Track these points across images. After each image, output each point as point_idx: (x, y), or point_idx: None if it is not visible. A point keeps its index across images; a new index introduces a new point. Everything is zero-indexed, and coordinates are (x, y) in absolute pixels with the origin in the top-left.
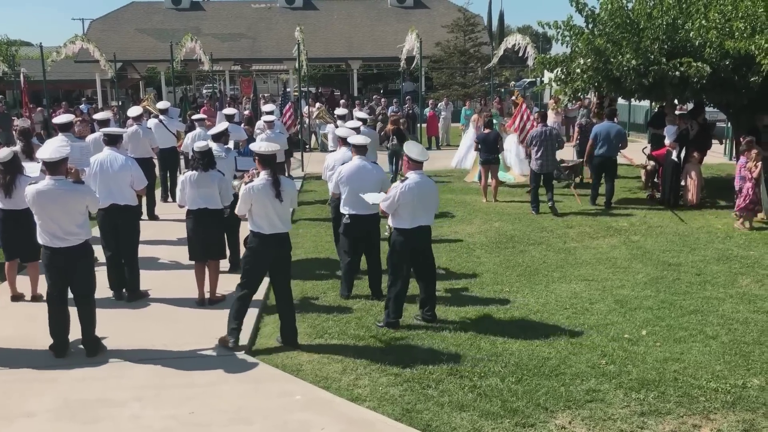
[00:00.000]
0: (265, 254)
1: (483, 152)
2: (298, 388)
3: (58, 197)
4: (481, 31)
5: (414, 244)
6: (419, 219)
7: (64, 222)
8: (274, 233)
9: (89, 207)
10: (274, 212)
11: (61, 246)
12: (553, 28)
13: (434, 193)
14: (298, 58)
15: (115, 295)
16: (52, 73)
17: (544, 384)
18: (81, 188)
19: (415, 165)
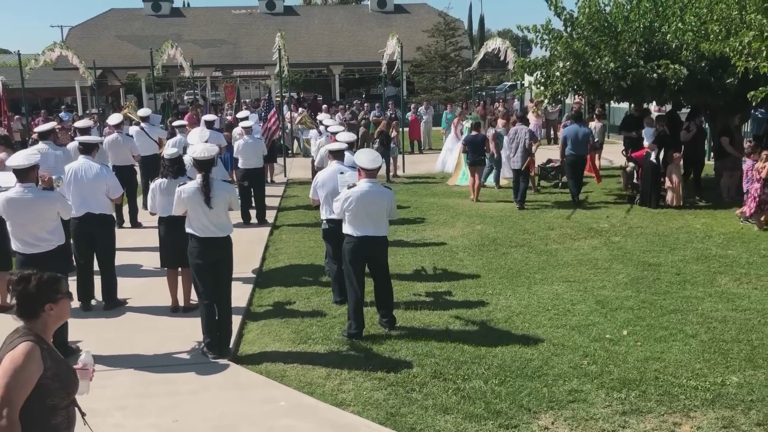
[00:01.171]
0: (201, 257)
1: (470, 153)
2: (282, 394)
3: (27, 204)
4: (462, 35)
5: (363, 253)
6: (366, 228)
7: (35, 228)
8: (207, 237)
9: (60, 213)
10: (205, 217)
11: (34, 252)
12: (533, 32)
13: (382, 203)
14: (279, 64)
15: (83, 306)
16: (31, 81)
17: (527, 385)
18: (51, 195)
19: (367, 173)
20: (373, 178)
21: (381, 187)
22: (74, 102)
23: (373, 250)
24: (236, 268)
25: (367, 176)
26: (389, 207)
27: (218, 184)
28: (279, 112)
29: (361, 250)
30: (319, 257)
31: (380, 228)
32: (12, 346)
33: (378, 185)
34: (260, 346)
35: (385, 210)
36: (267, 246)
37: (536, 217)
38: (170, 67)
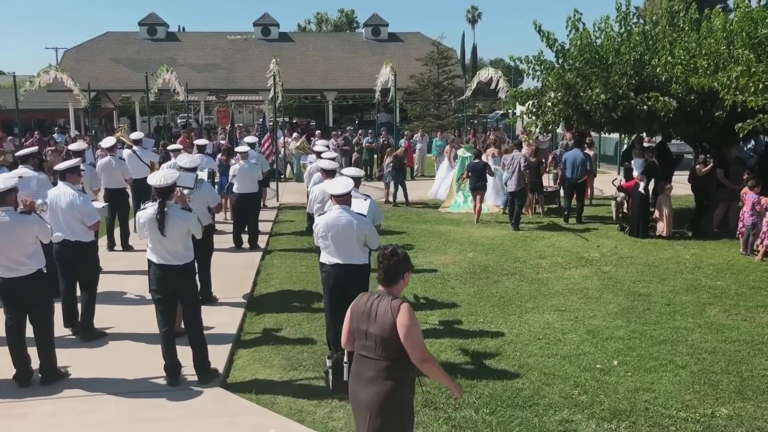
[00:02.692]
0: (157, 284)
1: (472, 179)
2: (272, 421)
3: (4, 227)
4: (455, 64)
5: (336, 280)
6: (333, 256)
7: (13, 252)
8: (163, 264)
9: (39, 237)
10: (160, 245)
11: (13, 276)
12: (525, 62)
13: (351, 231)
14: (274, 89)
15: (73, 330)
16: (25, 102)
17: (517, 415)
18: (28, 218)
19: (336, 199)
20: (345, 204)
21: (352, 215)
22: (67, 123)
23: (344, 279)
24: (227, 293)
25: (337, 202)
26: (361, 235)
27: (175, 212)
28: (273, 137)
29: (333, 278)
30: (311, 283)
31: (351, 256)
32: (395, 305)
33: (349, 212)
34: (251, 372)
35: (354, 238)
36: (258, 271)
37: (527, 246)
38: (164, 90)
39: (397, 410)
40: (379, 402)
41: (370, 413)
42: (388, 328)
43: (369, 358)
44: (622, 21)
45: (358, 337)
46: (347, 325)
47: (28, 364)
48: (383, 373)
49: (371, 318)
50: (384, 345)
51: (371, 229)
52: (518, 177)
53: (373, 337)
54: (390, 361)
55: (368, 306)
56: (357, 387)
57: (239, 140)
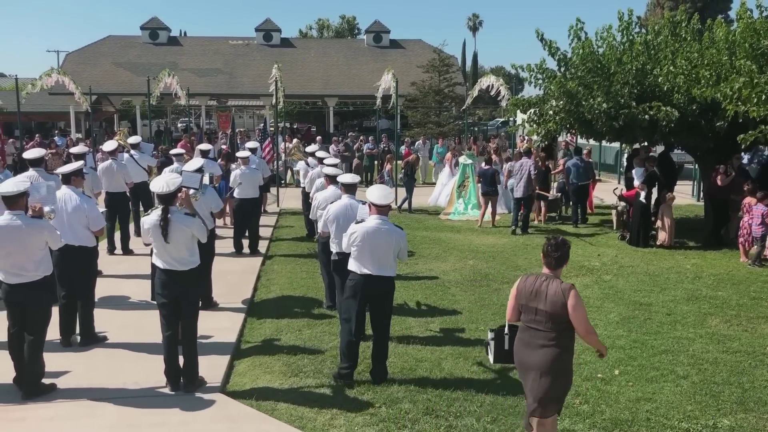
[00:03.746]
0: (162, 289)
1: (483, 185)
2: (272, 427)
3: (15, 232)
4: (456, 71)
5: (364, 291)
6: (366, 267)
7: (21, 258)
8: (167, 269)
9: (49, 243)
10: (164, 250)
11: (18, 282)
12: (527, 70)
13: (389, 243)
14: (276, 95)
15: (63, 341)
16: (26, 104)
17: (519, 423)
18: (39, 223)
19: (378, 209)
20: (383, 215)
21: (391, 226)
22: (67, 126)
23: (374, 290)
24: (227, 298)
25: (377, 212)
26: (397, 247)
27: (179, 218)
28: (273, 143)
29: (362, 288)
30: (312, 289)
31: (384, 268)
32: (565, 288)
33: (388, 223)
34: (251, 378)
35: (392, 250)
36: (259, 276)
37: (528, 254)
38: (166, 94)
39: (562, 371)
40: (549, 364)
41: (540, 373)
42: (559, 307)
43: (538, 329)
44: (625, 30)
45: (525, 312)
46: (513, 301)
47: None
48: (552, 342)
49: (541, 297)
50: (553, 319)
51: (405, 242)
52: (526, 183)
53: (543, 312)
54: (557, 332)
55: (537, 286)
56: (527, 352)
57: (241, 145)
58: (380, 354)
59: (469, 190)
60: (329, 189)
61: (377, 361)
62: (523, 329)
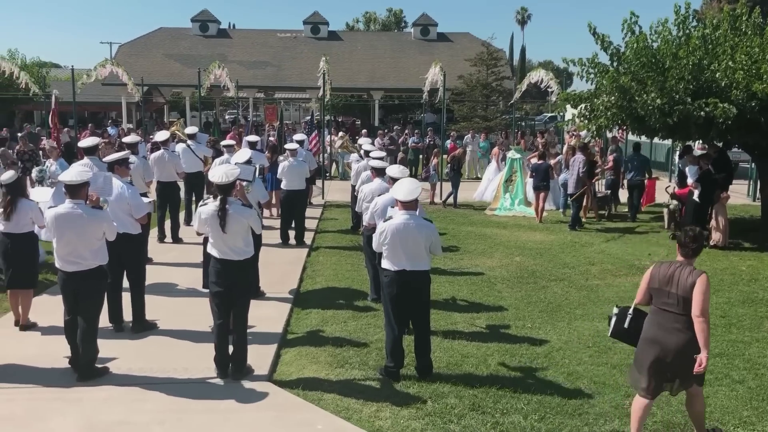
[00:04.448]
0: (216, 277)
1: (535, 180)
2: (319, 417)
3: (76, 220)
4: (504, 65)
5: (400, 288)
6: (401, 263)
7: (79, 246)
8: (223, 259)
9: (106, 234)
10: (221, 240)
11: (75, 270)
12: (578, 65)
13: (419, 238)
14: (323, 88)
15: (115, 327)
16: (79, 95)
17: (567, 423)
18: (100, 214)
19: (403, 205)
20: (411, 210)
21: (420, 221)
22: (119, 117)
23: (411, 286)
24: (274, 288)
25: (404, 208)
26: (428, 241)
27: (236, 209)
28: (320, 135)
29: (398, 285)
30: (356, 281)
31: (418, 262)
32: (697, 273)
33: (416, 218)
34: (297, 367)
35: (422, 245)
36: (305, 267)
37: (576, 251)
38: (214, 86)
39: (693, 351)
40: (683, 345)
41: (674, 354)
42: (689, 290)
43: (670, 312)
44: (681, 24)
45: (658, 295)
46: (645, 285)
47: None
48: (685, 324)
49: (674, 281)
50: (684, 303)
51: (437, 235)
52: (577, 180)
53: (675, 296)
54: (688, 316)
55: (671, 272)
56: (661, 333)
57: (288, 137)
58: (423, 348)
59: (517, 185)
60: (375, 182)
61: (421, 356)
62: (656, 312)
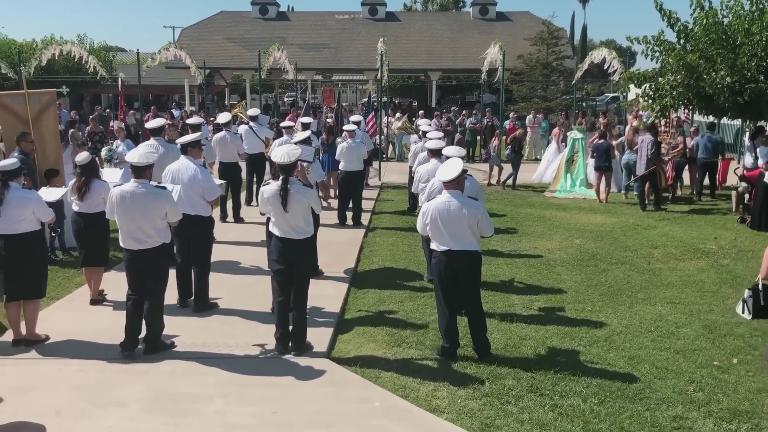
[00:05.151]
0: (278, 255)
1: (596, 160)
2: (376, 395)
3: (140, 199)
4: (565, 44)
5: (447, 268)
6: (447, 242)
7: (145, 224)
8: (284, 237)
9: (168, 215)
10: (282, 219)
11: (140, 248)
12: (643, 43)
13: (461, 217)
14: (381, 69)
15: (180, 303)
16: (144, 78)
17: (628, 407)
18: (163, 193)
19: (445, 185)
20: (453, 190)
21: (463, 199)
22: (182, 99)
23: (458, 266)
24: (331, 268)
25: (446, 188)
26: (474, 220)
27: (298, 188)
28: (377, 117)
29: (446, 264)
30: (413, 262)
31: (464, 242)
32: None
33: (459, 197)
34: (355, 346)
35: (466, 224)
36: (362, 247)
37: (638, 234)
38: (274, 69)
39: None
40: None
41: None
42: None
43: None
44: None
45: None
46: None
47: (137, 334)
48: None
49: None
50: None
51: (485, 214)
52: (647, 160)
53: None
54: None
55: None
56: None
57: (346, 119)
58: (478, 328)
59: (578, 165)
60: (431, 162)
61: (476, 335)
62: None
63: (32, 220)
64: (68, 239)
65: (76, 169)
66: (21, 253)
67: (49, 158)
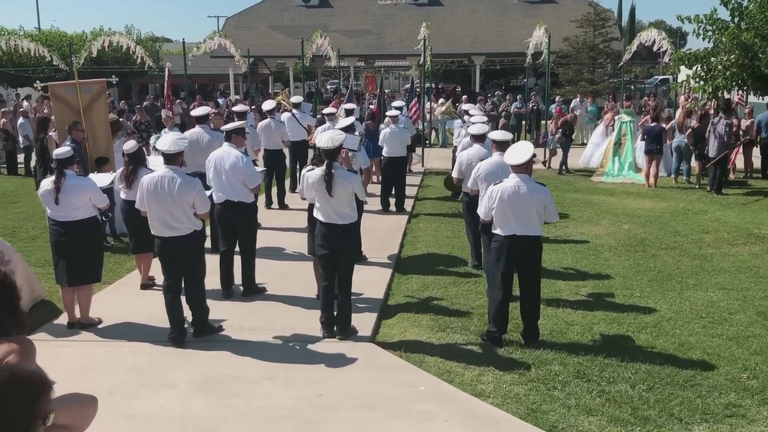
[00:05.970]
0: (322, 240)
1: (647, 143)
2: (421, 379)
3: (170, 184)
4: (612, 26)
5: (509, 253)
6: (512, 227)
7: (175, 210)
8: (328, 223)
9: (195, 205)
10: (327, 204)
11: (171, 235)
12: (694, 22)
13: (530, 202)
14: (423, 54)
15: (224, 292)
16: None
17: (678, 394)
18: (193, 180)
19: (514, 169)
20: (522, 174)
21: (532, 184)
22: (227, 88)
23: (521, 251)
24: (375, 253)
25: (515, 172)
26: (541, 206)
27: (342, 174)
28: (420, 103)
29: (508, 250)
30: (457, 248)
31: (529, 227)
32: None
33: (529, 181)
34: (399, 330)
35: (534, 210)
36: (405, 233)
37: (689, 219)
38: (317, 56)
39: None
40: None
41: None
42: None
43: None
44: None
45: None
46: None
47: (182, 325)
48: None
49: None
50: None
51: (551, 201)
52: (720, 143)
53: None
54: None
55: None
56: None
57: (388, 105)
58: (531, 314)
59: (626, 149)
60: (474, 147)
61: (529, 321)
62: None
63: (89, 207)
64: (118, 225)
65: (124, 158)
66: (80, 240)
67: (99, 146)
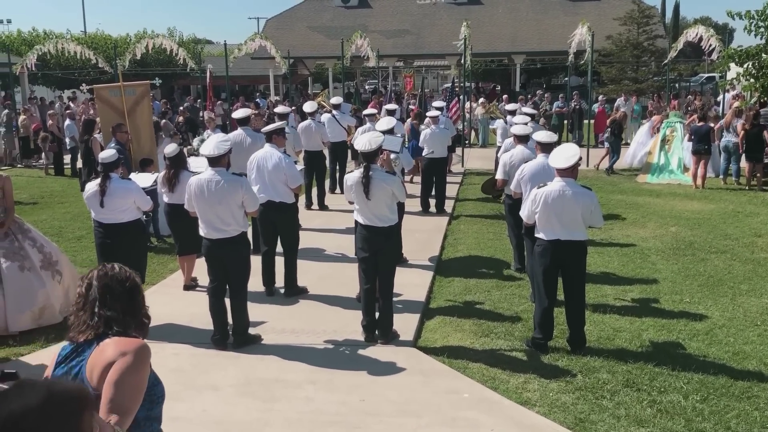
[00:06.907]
0: (363, 243)
1: (695, 143)
2: (465, 385)
3: (216, 187)
4: (656, 23)
5: (552, 258)
6: (556, 232)
7: (222, 212)
8: (368, 225)
9: (245, 203)
10: (366, 207)
11: (219, 237)
12: (745, 18)
13: (575, 207)
14: (464, 54)
15: (267, 291)
16: (231, 69)
17: (734, 406)
18: (239, 180)
19: (560, 173)
20: (567, 178)
21: (578, 189)
22: (267, 89)
23: (564, 256)
24: (416, 256)
25: (560, 175)
26: (587, 210)
27: (380, 176)
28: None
29: (551, 255)
30: (499, 250)
31: (573, 232)
32: None
33: (574, 186)
34: (442, 335)
35: (579, 214)
36: (446, 235)
37: (739, 222)
38: (355, 57)
39: None
40: None
41: None
42: None
43: None
44: None
45: None
46: None
47: (226, 327)
48: None
49: None
50: None
51: (597, 205)
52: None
53: None
54: None
55: None
56: None
57: (429, 105)
58: (577, 320)
59: (674, 146)
60: (517, 149)
61: (575, 328)
62: None
63: (133, 210)
64: (162, 227)
65: (165, 161)
66: (124, 242)
67: (143, 148)
